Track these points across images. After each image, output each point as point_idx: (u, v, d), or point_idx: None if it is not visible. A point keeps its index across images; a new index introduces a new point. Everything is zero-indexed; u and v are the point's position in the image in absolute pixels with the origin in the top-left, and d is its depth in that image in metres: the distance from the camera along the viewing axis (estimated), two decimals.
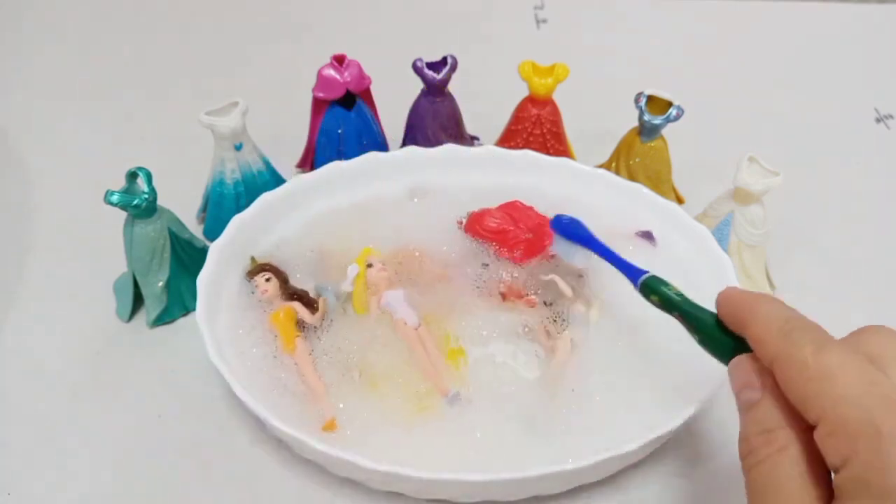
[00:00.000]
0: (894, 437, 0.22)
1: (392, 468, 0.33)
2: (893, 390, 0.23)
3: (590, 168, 0.49)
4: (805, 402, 0.24)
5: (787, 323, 0.27)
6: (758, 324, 0.27)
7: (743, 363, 0.28)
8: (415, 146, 0.50)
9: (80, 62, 0.69)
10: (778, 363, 0.26)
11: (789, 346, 0.26)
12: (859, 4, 0.78)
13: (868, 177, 0.58)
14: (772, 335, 0.27)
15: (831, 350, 0.25)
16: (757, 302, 0.28)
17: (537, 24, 0.75)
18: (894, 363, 0.25)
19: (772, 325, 0.27)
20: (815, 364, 0.24)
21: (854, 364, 0.24)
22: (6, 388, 0.42)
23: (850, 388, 0.23)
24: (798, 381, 0.25)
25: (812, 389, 0.24)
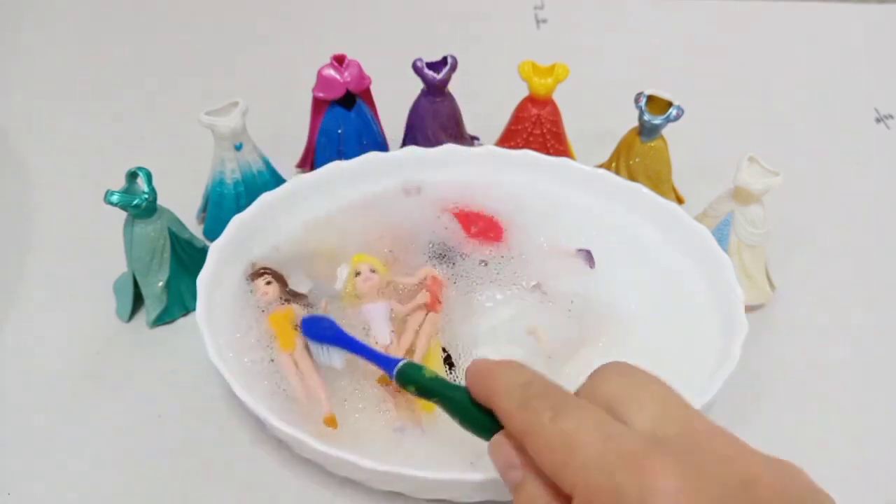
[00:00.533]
0: (636, 500, 0.22)
1: (392, 468, 0.33)
2: (631, 440, 0.23)
3: (590, 168, 0.49)
4: (556, 475, 0.24)
5: (525, 390, 0.26)
6: (500, 395, 0.27)
7: (501, 442, 0.27)
8: (415, 146, 0.50)
9: (80, 62, 0.69)
10: (523, 437, 0.26)
11: (529, 417, 0.25)
12: (859, 4, 0.78)
13: (868, 177, 0.58)
14: (513, 407, 0.26)
15: (567, 413, 0.25)
16: (497, 372, 0.28)
17: (537, 24, 0.75)
18: (628, 403, 0.25)
19: (512, 395, 0.26)
20: (554, 432, 0.24)
21: (590, 423, 0.24)
22: (6, 388, 0.42)
23: (589, 452, 0.23)
24: (544, 454, 0.24)
25: (557, 460, 0.24)
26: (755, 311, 0.46)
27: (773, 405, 0.41)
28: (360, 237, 0.45)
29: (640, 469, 0.22)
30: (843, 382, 0.43)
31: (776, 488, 0.23)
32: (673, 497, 0.21)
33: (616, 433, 0.24)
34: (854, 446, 0.40)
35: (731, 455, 0.23)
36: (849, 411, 0.42)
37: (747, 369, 0.38)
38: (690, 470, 0.22)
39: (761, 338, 0.45)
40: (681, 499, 0.21)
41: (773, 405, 0.41)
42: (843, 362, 0.44)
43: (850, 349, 0.45)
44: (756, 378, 0.42)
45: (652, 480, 0.22)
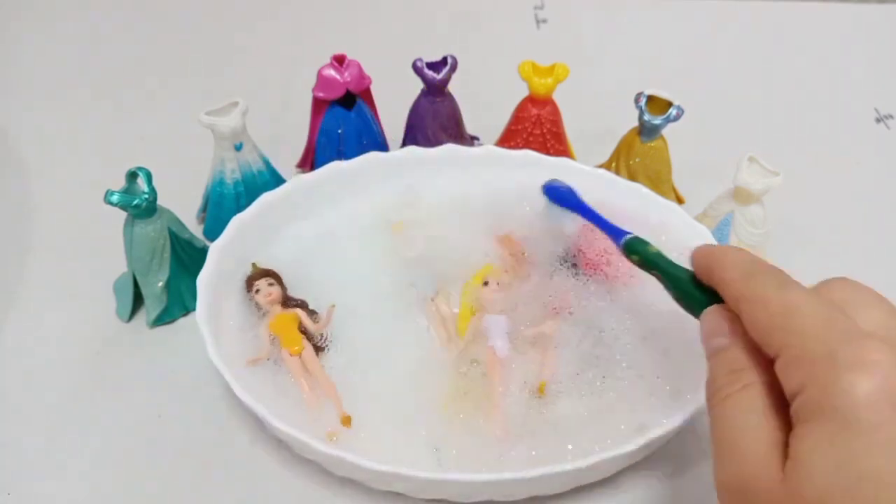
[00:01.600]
0: (848, 363, 0.23)
1: (392, 468, 0.33)
2: (851, 325, 0.24)
3: (590, 168, 0.49)
4: (767, 336, 0.25)
5: (751, 265, 0.28)
6: (724, 269, 0.29)
7: (713, 312, 0.29)
8: (415, 146, 0.50)
9: (80, 62, 0.69)
10: (742, 302, 0.27)
11: (753, 286, 0.27)
12: (859, 4, 0.78)
13: (868, 177, 0.58)
14: (737, 277, 0.28)
15: (793, 289, 0.26)
16: (725, 251, 0.30)
17: (537, 24, 0.75)
18: (855, 306, 0.26)
19: (737, 269, 0.28)
20: (777, 300, 0.26)
21: (814, 302, 0.25)
22: (6, 388, 0.42)
23: (809, 321, 0.24)
24: (761, 318, 0.26)
25: (774, 324, 0.25)
26: None
27: None
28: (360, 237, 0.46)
29: (858, 344, 0.23)
30: None
31: None
32: (885, 369, 0.22)
33: (838, 315, 0.25)
34: None
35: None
36: None
37: None
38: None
39: None
40: (891, 377, 0.22)
41: None
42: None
43: None
44: None
45: (868, 353, 0.23)
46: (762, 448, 0.24)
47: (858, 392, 0.22)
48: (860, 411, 0.22)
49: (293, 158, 0.56)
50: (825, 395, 0.23)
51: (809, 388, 0.23)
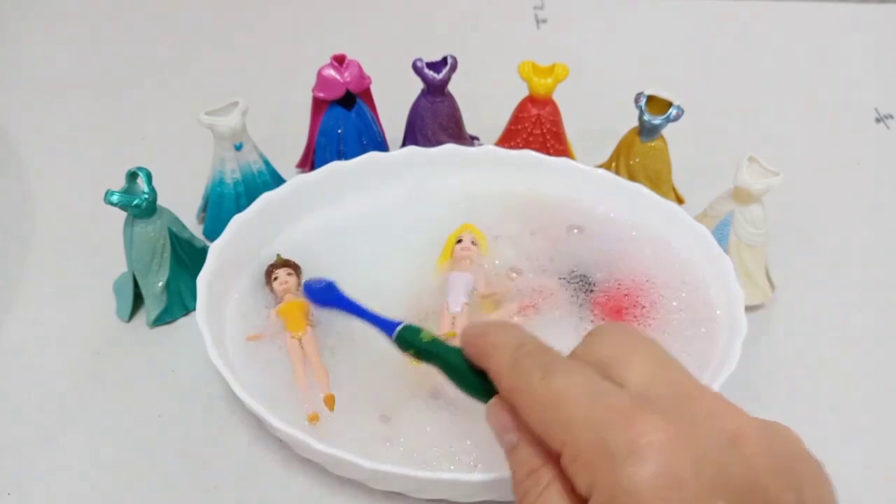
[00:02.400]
0: (622, 454, 0.22)
1: (392, 468, 0.33)
2: (619, 397, 0.23)
3: (590, 168, 0.49)
4: (544, 433, 0.24)
5: (517, 351, 0.26)
6: (493, 357, 0.27)
7: (496, 406, 0.27)
8: (415, 146, 0.50)
9: (80, 62, 0.69)
10: (513, 396, 0.26)
11: (520, 377, 0.25)
12: (859, 4, 0.78)
13: (868, 177, 0.58)
14: (504, 367, 0.26)
15: (557, 372, 0.25)
16: (493, 331, 0.28)
17: (537, 24, 0.75)
18: (622, 362, 0.25)
19: (504, 357, 0.26)
20: (544, 390, 0.24)
21: (579, 381, 0.24)
22: (6, 388, 0.42)
23: (577, 408, 0.23)
24: (533, 412, 0.25)
25: (546, 418, 0.24)
26: (755, 311, 0.46)
27: (773, 405, 0.41)
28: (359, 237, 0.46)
29: (627, 424, 0.22)
30: (843, 382, 0.43)
31: (764, 445, 0.23)
32: (660, 450, 0.21)
33: (605, 391, 0.24)
34: (854, 446, 0.40)
35: (721, 413, 0.24)
36: (849, 411, 0.42)
37: (747, 369, 0.38)
38: (679, 425, 0.22)
39: (761, 338, 0.45)
40: (668, 452, 0.21)
41: (773, 405, 0.41)
42: (842, 362, 0.44)
43: (849, 349, 0.45)
44: (756, 378, 0.42)
45: (639, 435, 0.22)
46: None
47: (640, 487, 0.21)
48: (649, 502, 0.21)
49: (293, 158, 0.56)
50: (613, 495, 0.22)
51: (597, 490, 0.22)
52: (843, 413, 0.42)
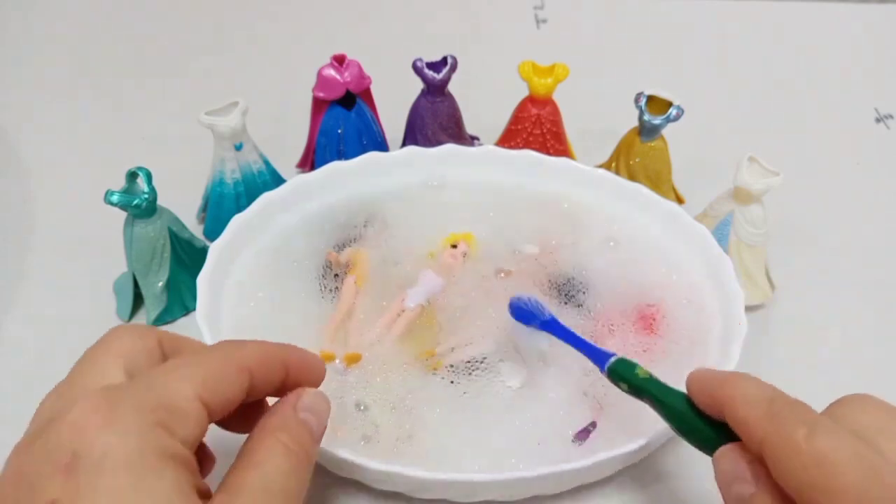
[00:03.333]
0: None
1: (392, 468, 0.33)
2: (890, 472, 0.23)
3: (590, 168, 0.49)
4: (803, 494, 0.23)
5: (772, 403, 0.26)
6: (739, 405, 0.26)
7: (731, 454, 0.26)
8: (415, 146, 0.50)
9: (79, 61, 0.69)
10: (768, 448, 0.25)
11: (778, 429, 0.24)
12: (859, 4, 0.78)
13: (868, 177, 0.58)
14: (758, 417, 0.25)
15: (823, 432, 0.24)
16: (734, 381, 0.27)
17: (537, 24, 0.75)
18: (882, 436, 0.24)
19: (756, 406, 0.26)
20: (809, 449, 0.23)
21: (849, 447, 0.23)
22: (6, 387, 0.42)
23: (850, 478, 0.22)
24: (793, 470, 0.24)
25: (810, 479, 0.23)
26: (755, 311, 0.46)
27: None
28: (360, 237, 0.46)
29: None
30: (843, 382, 0.43)
31: None
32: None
33: (879, 465, 0.23)
34: None
35: None
36: None
37: (747, 369, 0.37)
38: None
39: (761, 338, 0.45)
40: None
41: None
42: (842, 362, 0.44)
43: (849, 349, 0.45)
44: None
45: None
46: None
47: None
48: None
49: (293, 158, 0.56)
50: None
51: None
52: None
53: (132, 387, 0.25)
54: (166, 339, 0.29)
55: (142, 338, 0.28)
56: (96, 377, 0.26)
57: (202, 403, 0.25)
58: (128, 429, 0.23)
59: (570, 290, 0.43)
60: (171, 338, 0.29)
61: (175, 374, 0.25)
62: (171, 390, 0.25)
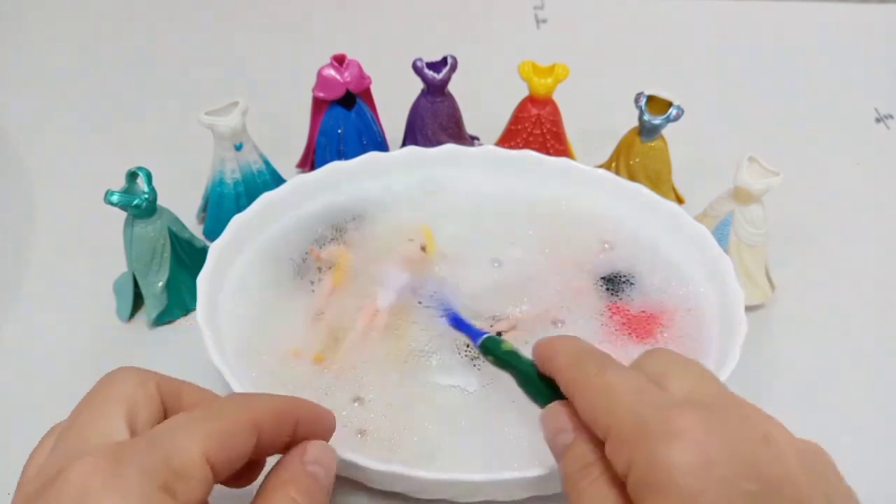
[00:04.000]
0: (659, 434, 0.23)
1: (392, 468, 0.33)
2: (662, 396, 0.25)
3: (590, 168, 0.49)
4: (594, 420, 0.26)
5: (578, 352, 0.29)
6: (556, 358, 0.30)
7: (554, 408, 0.29)
8: (415, 146, 0.50)
9: (80, 62, 0.69)
10: (571, 388, 0.28)
11: (578, 371, 0.28)
12: (859, 4, 0.78)
13: (868, 177, 0.58)
14: (565, 365, 0.29)
15: (611, 370, 0.27)
16: (559, 340, 0.31)
17: (537, 24, 0.75)
18: (668, 376, 0.27)
19: (566, 357, 0.29)
20: (597, 382, 0.27)
21: (630, 378, 0.26)
22: (6, 387, 0.42)
23: (624, 398, 0.25)
24: (586, 402, 0.27)
25: (597, 405, 0.26)
26: (755, 311, 0.46)
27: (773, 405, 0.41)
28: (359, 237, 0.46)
29: (668, 415, 0.24)
30: (843, 382, 0.43)
31: (797, 449, 0.24)
32: (694, 435, 0.23)
33: (651, 389, 0.26)
34: (854, 446, 0.40)
35: (756, 417, 0.25)
36: (849, 411, 0.42)
37: (747, 369, 0.38)
38: (714, 422, 0.23)
39: (761, 338, 0.45)
40: (701, 437, 0.23)
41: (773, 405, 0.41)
42: (843, 362, 0.44)
43: (850, 349, 0.45)
44: (756, 378, 0.42)
45: (676, 421, 0.23)
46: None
47: (674, 462, 0.22)
48: (679, 481, 0.22)
49: (293, 158, 0.56)
50: (648, 471, 0.23)
51: (633, 468, 0.24)
52: (844, 413, 0.42)
53: (136, 445, 0.24)
54: (164, 384, 0.28)
55: (142, 384, 0.27)
56: (98, 430, 0.25)
57: (208, 464, 0.25)
58: (130, 492, 0.23)
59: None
60: (170, 382, 0.29)
61: (182, 433, 0.25)
62: (178, 450, 0.24)
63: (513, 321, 0.41)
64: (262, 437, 0.27)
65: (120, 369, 0.28)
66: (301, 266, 0.44)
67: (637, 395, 0.25)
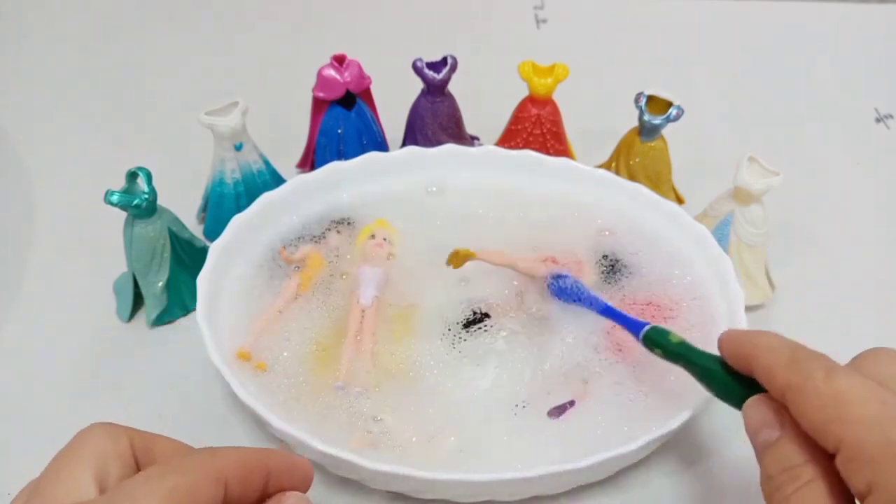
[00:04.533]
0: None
1: (392, 468, 0.33)
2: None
3: (590, 168, 0.49)
4: (821, 430, 0.25)
5: (793, 353, 0.27)
6: (763, 357, 0.28)
7: (757, 403, 0.28)
8: (415, 146, 0.50)
9: (79, 62, 0.69)
10: (790, 393, 0.26)
11: (799, 374, 0.26)
12: (859, 4, 0.78)
13: (868, 177, 0.58)
14: (780, 366, 0.27)
15: (841, 374, 0.25)
16: (759, 336, 0.29)
17: (537, 24, 0.75)
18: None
19: (779, 356, 0.27)
20: (827, 389, 0.25)
21: (865, 386, 0.24)
22: (6, 388, 0.42)
23: (865, 410, 0.24)
24: (812, 409, 0.25)
25: (827, 416, 0.24)
26: (755, 311, 0.46)
27: None
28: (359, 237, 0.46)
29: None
30: None
31: None
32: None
33: (891, 400, 0.24)
34: None
35: None
36: None
37: None
38: None
39: None
40: None
41: None
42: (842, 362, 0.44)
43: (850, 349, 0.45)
44: None
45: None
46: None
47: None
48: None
49: (293, 158, 0.56)
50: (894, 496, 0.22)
51: (879, 489, 0.22)
52: None
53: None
54: (138, 440, 0.28)
55: (113, 441, 0.27)
56: (66, 489, 0.25)
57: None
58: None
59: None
60: (144, 437, 0.28)
61: (142, 490, 0.24)
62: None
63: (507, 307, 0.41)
64: (229, 491, 0.26)
65: (92, 426, 0.27)
66: (287, 266, 0.44)
67: (880, 405, 0.24)
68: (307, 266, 0.44)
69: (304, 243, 0.45)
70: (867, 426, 0.23)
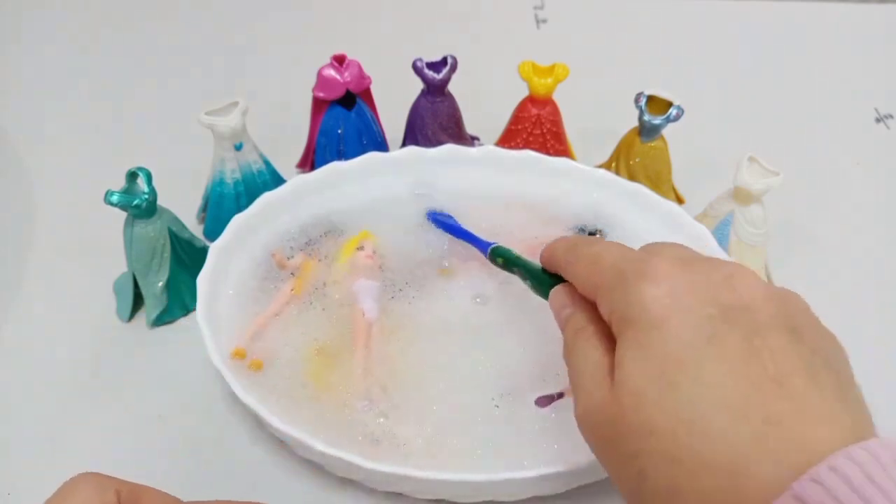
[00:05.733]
0: (636, 276, 0.27)
1: (392, 468, 0.33)
2: (642, 254, 0.29)
3: (590, 168, 0.49)
4: (588, 286, 0.30)
5: (573, 241, 0.34)
6: (555, 249, 0.34)
7: (557, 290, 0.33)
8: (415, 146, 0.50)
9: (79, 62, 0.69)
10: (568, 266, 0.32)
11: (572, 252, 0.32)
12: (859, 4, 0.78)
13: (868, 177, 0.58)
14: (563, 251, 0.33)
15: (599, 243, 0.32)
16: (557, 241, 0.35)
17: (537, 24, 0.75)
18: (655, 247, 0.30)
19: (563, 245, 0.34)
20: (588, 254, 0.31)
21: (615, 246, 0.31)
22: (6, 388, 0.42)
23: (609, 260, 0.29)
24: (580, 273, 0.31)
25: (588, 272, 0.30)
26: None
27: None
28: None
29: (643, 263, 0.27)
30: None
31: (763, 286, 0.26)
32: (663, 274, 0.26)
33: (634, 252, 0.30)
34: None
35: (725, 263, 0.28)
36: None
37: None
38: (684, 267, 0.27)
39: None
40: (669, 276, 0.26)
41: None
42: None
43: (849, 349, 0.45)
44: None
45: (648, 266, 0.27)
46: (599, 375, 0.27)
47: (646, 295, 0.26)
48: (648, 310, 0.25)
49: (293, 158, 0.56)
50: (625, 307, 0.26)
51: (614, 309, 0.27)
52: None
53: None
54: (125, 490, 0.28)
55: (101, 492, 0.27)
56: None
57: None
58: None
59: None
60: (130, 488, 0.28)
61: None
62: None
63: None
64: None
65: (80, 476, 0.27)
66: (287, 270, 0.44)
67: (620, 255, 0.29)
68: (301, 272, 0.43)
69: (301, 246, 0.45)
70: (609, 268, 0.29)
